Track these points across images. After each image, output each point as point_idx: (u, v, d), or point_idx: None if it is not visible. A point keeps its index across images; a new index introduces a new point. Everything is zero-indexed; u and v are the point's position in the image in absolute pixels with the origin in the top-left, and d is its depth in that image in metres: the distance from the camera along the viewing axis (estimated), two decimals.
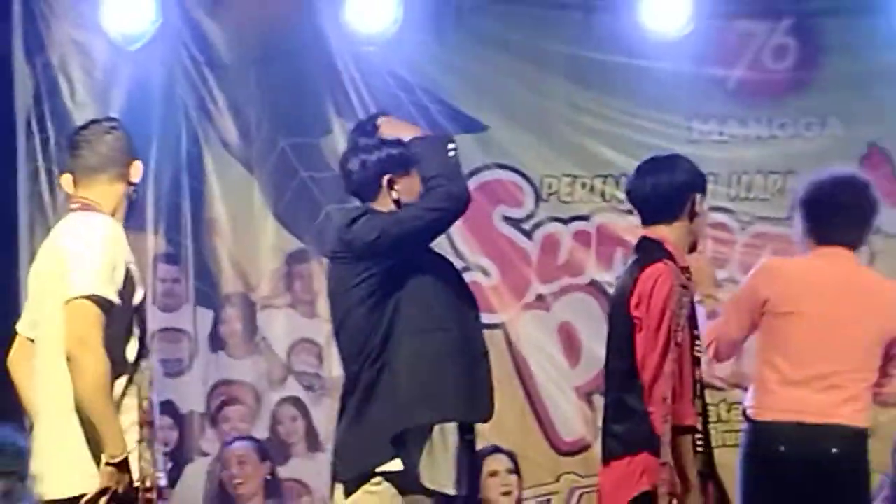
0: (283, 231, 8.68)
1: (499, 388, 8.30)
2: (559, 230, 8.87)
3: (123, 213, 5.07)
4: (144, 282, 6.17)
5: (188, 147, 8.57)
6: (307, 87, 8.76)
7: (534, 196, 8.90)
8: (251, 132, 8.72)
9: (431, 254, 5.40)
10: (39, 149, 8.42)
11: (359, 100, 8.52)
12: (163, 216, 8.56)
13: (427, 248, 5.30)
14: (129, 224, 6.38)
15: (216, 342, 8.63)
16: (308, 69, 8.76)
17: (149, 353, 5.26)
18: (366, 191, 5.23)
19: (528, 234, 8.87)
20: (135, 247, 7.09)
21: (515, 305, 8.80)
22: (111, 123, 5.34)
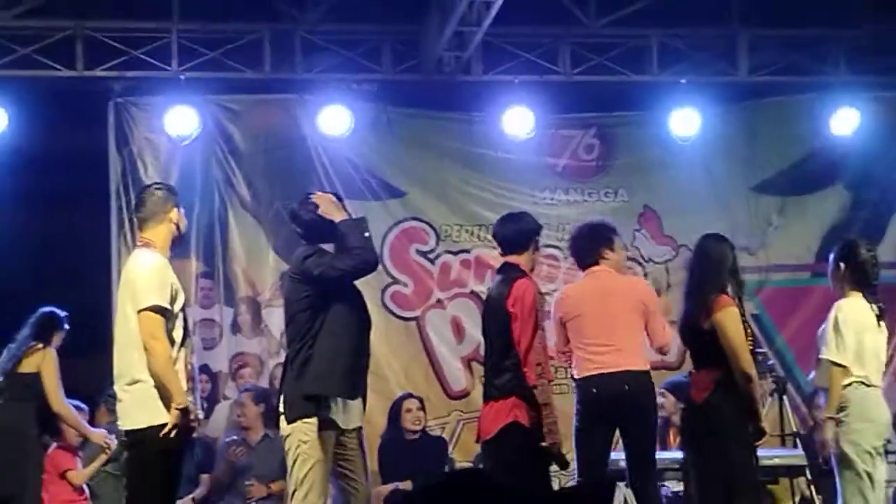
0: (278, 258, 11.05)
1: (413, 357, 11.32)
2: (450, 259, 11.56)
3: (169, 246, 6.70)
4: (187, 291, 8.71)
5: (218, 205, 11.18)
6: (294, 168, 11.29)
7: (435, 237, 11.53)
8: (258, 196, 11.27)
9: (351, 287, 7.01)
10: (125, 207, 10.69)
11: (326, 177, 11.14)
12: (202, 248, 11.22)
13: (349, 283, 6.96)
14: (179, 253, 8.45)
15: (235, 328, 11.35)
16: (294, 157, 11.34)
17: (191, 335, 7.16)
18: (311, 240, 7.00)
19: (432, 261, 11.55)
20: (182, 268, 9.37)
21: (423, 306, 11.46)
22: (156, 185, 7.29)
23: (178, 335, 6.53)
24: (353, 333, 6.82)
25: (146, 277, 6.39)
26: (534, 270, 7.46)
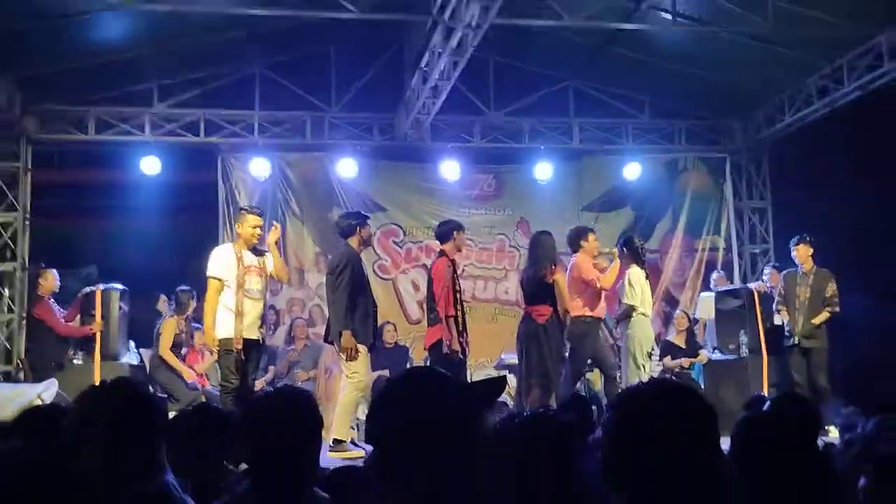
0: (314, 244, 11.63)
1: (389, 302, 11.35)
2: (411, 246, 11.98)
3: (252, 244, 7.14)
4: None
5: (280, 215, 11.37)
6: (323, 195, 11.76)
7: (403, 234, 11.99)
8: (303, 210, 11.71)
9: (363, 271, 7.30)
10: (228, 222, 10.88)
11: (342, 200, 11.53)
12: None
13: (359, 268, 7.20)
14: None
15: (289, 284, 11.09)
16: (323, 188, 11.79)
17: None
18: (345, 235, 7.40)
19: (400, 247, 12.01)
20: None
21: (396, 272, 11.94)
22: (254, 209, 7.70)
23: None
24: (370, 301, 7.31)
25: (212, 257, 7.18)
26: (461, 251, 8.17)
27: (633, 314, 8.37)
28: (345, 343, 7.00)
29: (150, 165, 11.07)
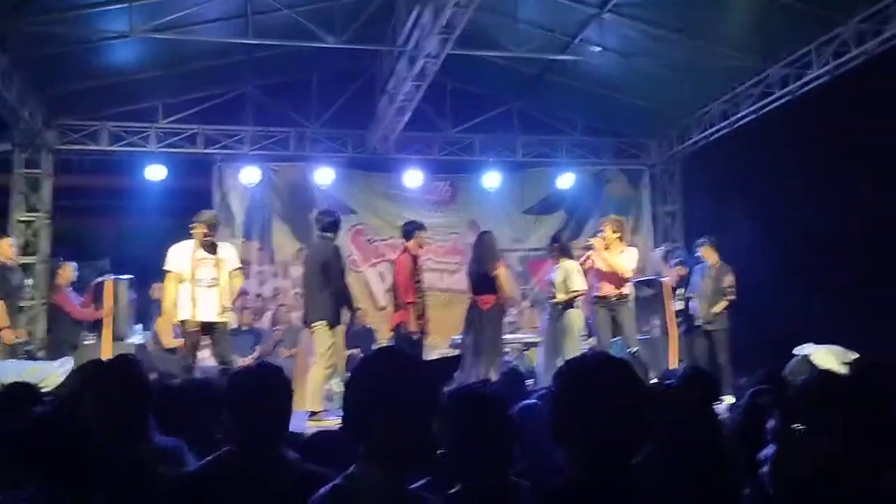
0: (296, 240, 11.37)
1: (360, 290, 10.75)
2: (379, 243, 11.81)
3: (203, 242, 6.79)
4: (250, 259, 10.08)
5: (267, 215, 11.48)
6: (304, 199, 11.55)
7: (372, 233, 11.83)
8: (287, 211, 11.55)
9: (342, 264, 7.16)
10: (226, 217, 10.71)
11: (320, 203, 10.94)
12: (259, 236, 11.41)
13: (339, 260, 7.10)
14: (247, 238, 10.25)
15: (274, 274, 11.38)
16: (304, 193, 11.60)
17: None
18: (328, 230, 7.20)
19: (370, 244, 11.84)
20: (249, 247, 10.54)
21: (365, 266, 11.77)
22: (205, 218, 7.06)
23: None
24: (343, 289, 7.22)
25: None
26: (422, 248, 7.88)
27: (567, 296, 8.12)
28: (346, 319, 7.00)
29: (156, 173, 11.04)
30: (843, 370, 5.00)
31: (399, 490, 1.83)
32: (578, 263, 7.89)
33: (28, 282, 9.50)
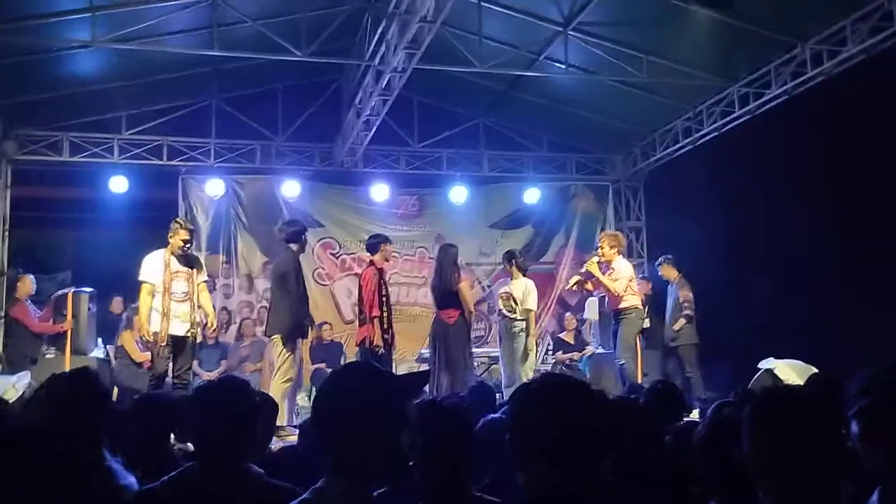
0: (262, 254, 11.24)
1: (327, 304, 10.91)
2: (346, 257, 11.73)
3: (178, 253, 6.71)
4: (216, 273, 10.02)
5: (232, 227, 11.32)
6: (269, 212, 11.30)
7: (339, 246, 11.74)
8: (252, 224, 11.39)
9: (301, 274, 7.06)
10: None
11: (285, 216, 10.64)
12: (225, 249, 11.27)
13: (300, 271, 7.06)
14: (212, 251, 10.09)
15: (240, 288, 11.28)
16: (269, 206, 11.40)
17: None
18: (290, 240, 7.12)
19: (336, 258, 11.73)
20: (214, 260, 10.50)
21: (333, 279, 11.64)
22: (187, 224, 7.17)
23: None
24: (303, 298, 7.17)
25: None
26: (388, 261, 7.87)
27: (528, 314, 8.17)
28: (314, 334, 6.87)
29: (119, 184, 10.89)
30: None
31: (367, 503, 1.82)
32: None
33: None
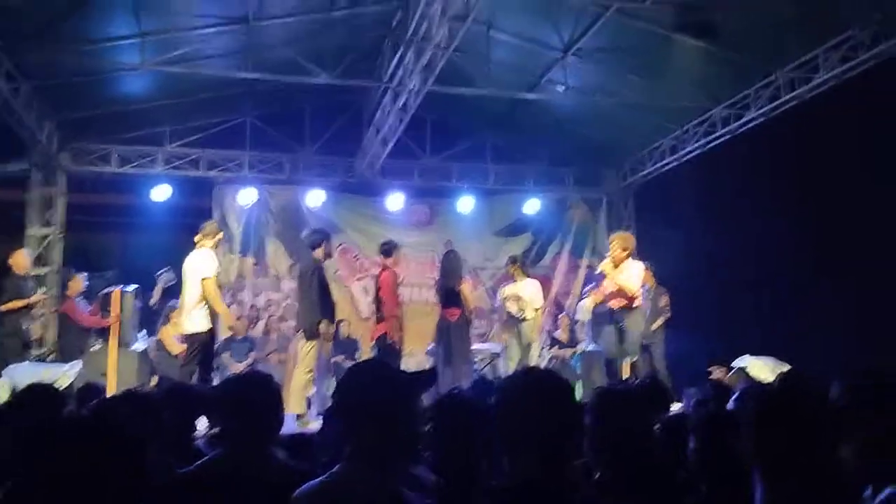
0: (288, 256, 11.26)
1: (345, 303, 10.52)
2: (364, 260, 11.63)
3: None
4: (246, 274, 10.17)
5: (262, 233, 11.35)
6: (296, 220, 11.30)
7: (358, 251, 11.70)
8: (280, 230, 11.40)
9: (325, 276, 6.97)
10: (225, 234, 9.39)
11: (310, 223, 10.38)
12: (254, 252, 11.32)
13: (319, 274, 6.87)
14: (243, 254, 10.33)
15: (267, 287, 11.24)
16: (296, 214, 11.37)
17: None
18: (312, 247, 7.05)
19: (356, 261, 11.73)
20: (245, 262, 10.48)
21: (352, 280, 11.67)
22: (221, 227, 7.70)
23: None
24: (331, 295, 7.13)
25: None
26: (398, 265, 7.75)
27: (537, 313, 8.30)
28: (324, 329, 6.77)
29: (161, 193, 10.98)
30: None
31: (382, 486, 1.81)
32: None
33: (41, 291, 9.35)
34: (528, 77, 9.66)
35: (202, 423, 3.57)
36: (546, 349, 10.40)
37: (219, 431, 2.45)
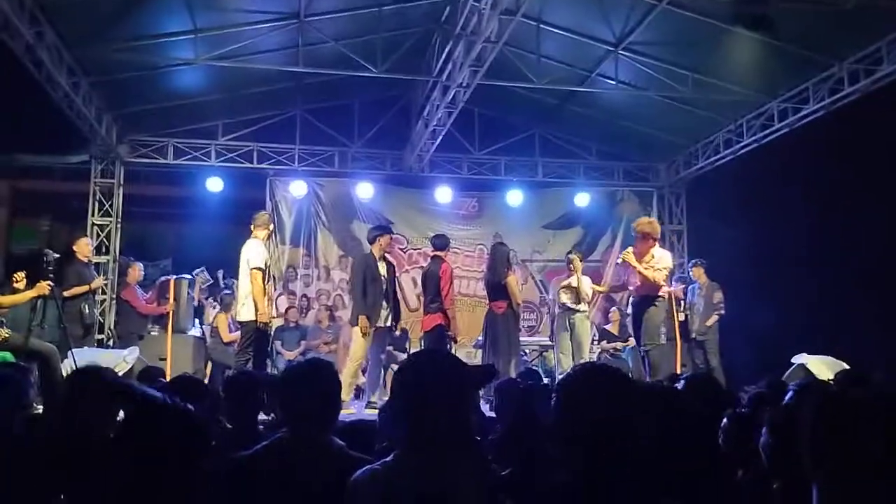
0: (337, 248, 11.46)
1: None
2: (413, 252, 11.73)
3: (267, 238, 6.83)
4: (296, 265, 10.28)
5: (312, 224, 11.41)
6: (346, 211, 11.54)
7: (406, 242, 11.74)
8: (331, 222, 11.49)
9: (376, 271, 7.13)
10: (275, 231, 10.13)
11: (360, 216, 11.41)
12: (305, 243, 11.37)
13: (373, 269, 7.10)
14: (294, 244, 10.41)
15: (318, 277, 11.29)
16: (346, 206, 11.58)
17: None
18: (370, 243, 7.42)
19: (404, 252, 11.68)
20: (296, 253, 10.60)
21: (399, 272, 10.11)
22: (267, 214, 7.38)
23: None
24: (384, 287, 7.28)
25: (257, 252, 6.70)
26: (448, 256, 7.91)
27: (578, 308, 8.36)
28: (361, 324, 6.96)
29: (214, 184, 11.08)
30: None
31: (436, 475, 1.82)
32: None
33: (100, 278, 9.68)
34: (579, 71, 9.60)
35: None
36: (596, 343, 10.39)
37: (280, 417, 2.49)
